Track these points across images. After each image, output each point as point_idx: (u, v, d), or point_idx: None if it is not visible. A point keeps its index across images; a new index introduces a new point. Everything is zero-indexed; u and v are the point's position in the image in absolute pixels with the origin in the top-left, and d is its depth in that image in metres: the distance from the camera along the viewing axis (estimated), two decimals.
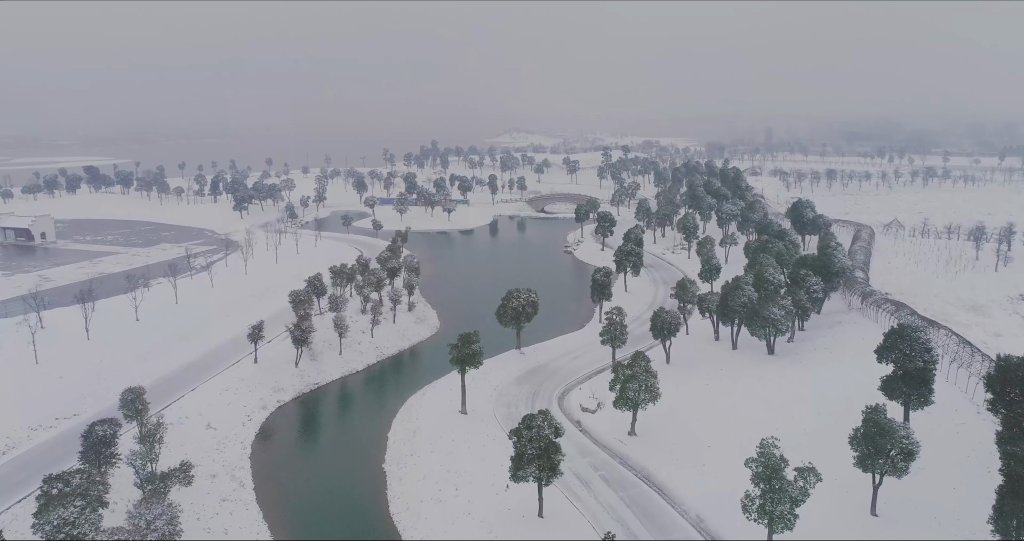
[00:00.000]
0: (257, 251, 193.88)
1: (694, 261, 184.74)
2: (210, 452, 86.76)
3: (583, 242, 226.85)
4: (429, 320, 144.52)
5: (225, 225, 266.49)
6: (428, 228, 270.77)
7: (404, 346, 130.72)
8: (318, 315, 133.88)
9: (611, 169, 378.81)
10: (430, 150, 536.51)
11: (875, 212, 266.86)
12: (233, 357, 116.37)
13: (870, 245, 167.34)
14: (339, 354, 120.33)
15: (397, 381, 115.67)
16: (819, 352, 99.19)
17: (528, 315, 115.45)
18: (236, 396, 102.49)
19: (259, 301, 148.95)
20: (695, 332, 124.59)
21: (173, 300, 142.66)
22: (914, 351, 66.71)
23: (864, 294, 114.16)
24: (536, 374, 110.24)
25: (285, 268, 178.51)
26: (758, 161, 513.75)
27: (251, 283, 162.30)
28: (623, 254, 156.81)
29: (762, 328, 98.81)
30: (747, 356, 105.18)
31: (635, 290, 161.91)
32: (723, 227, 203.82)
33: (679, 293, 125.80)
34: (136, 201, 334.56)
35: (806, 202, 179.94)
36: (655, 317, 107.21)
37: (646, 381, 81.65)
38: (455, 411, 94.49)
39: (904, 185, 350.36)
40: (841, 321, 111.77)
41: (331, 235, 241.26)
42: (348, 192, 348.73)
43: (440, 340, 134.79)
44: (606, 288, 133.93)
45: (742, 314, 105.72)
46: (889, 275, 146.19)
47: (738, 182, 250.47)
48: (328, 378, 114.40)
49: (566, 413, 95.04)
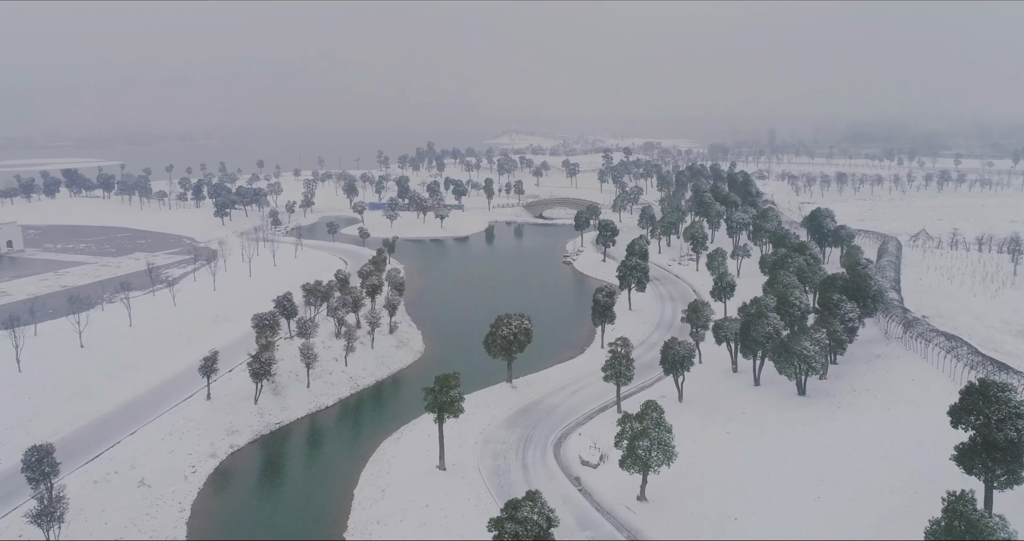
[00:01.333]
0: (231, 263, 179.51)
1: (703, 273, 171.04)
2: (138, 519, 72.65)
3: (583, 252, 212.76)
4: (412, 343, 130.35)
5: (206, 232, 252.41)
6: (419, 235, 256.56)
7: (383, 375, 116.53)
8: (288, 339, 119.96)
9: (612, 172, 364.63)
10: (426, 152, 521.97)
11: (892, 219, 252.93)
12: (186, 390, 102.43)
13: (898, 259, 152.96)
14: (307, 387, 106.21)
15: (371, 420, 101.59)
16: (860, 395, 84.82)
17: (520, 344, 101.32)
18: (181, 442, 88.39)
19: (225, 322, 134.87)
20: (710, 359, 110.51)
21: (127, 322, 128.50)
22: (1001, 417, 52.66)
23: (906, 323, 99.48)
24: (529, 413, 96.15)
25: (259, 282, 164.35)
26: (763, 163, 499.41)
27: (219, 301, 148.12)
28: (627, 269, 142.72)
29: (792, 366, 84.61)
30: (773, 395, 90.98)
31: (640, 307, 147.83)
32: (733, 237, 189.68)
33: (691, 317, 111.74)
34: (116, 206, 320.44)
35: (825, 211, 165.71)
36: (666, 349, 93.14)
37: (659, 438, 67.54)
38: (432, 466, 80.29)
39: (918, 189, 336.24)
40: (881, 354, 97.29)
41: (315, 244, 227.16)
42: (339, 196, 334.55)
43: (424, 367, 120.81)
44: (608, 309, 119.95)
45: (767, 346, 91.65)
46: (922, 294, 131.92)
47: (747, 187, 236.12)
48: (292, 416, 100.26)
49: (563, 466, 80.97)
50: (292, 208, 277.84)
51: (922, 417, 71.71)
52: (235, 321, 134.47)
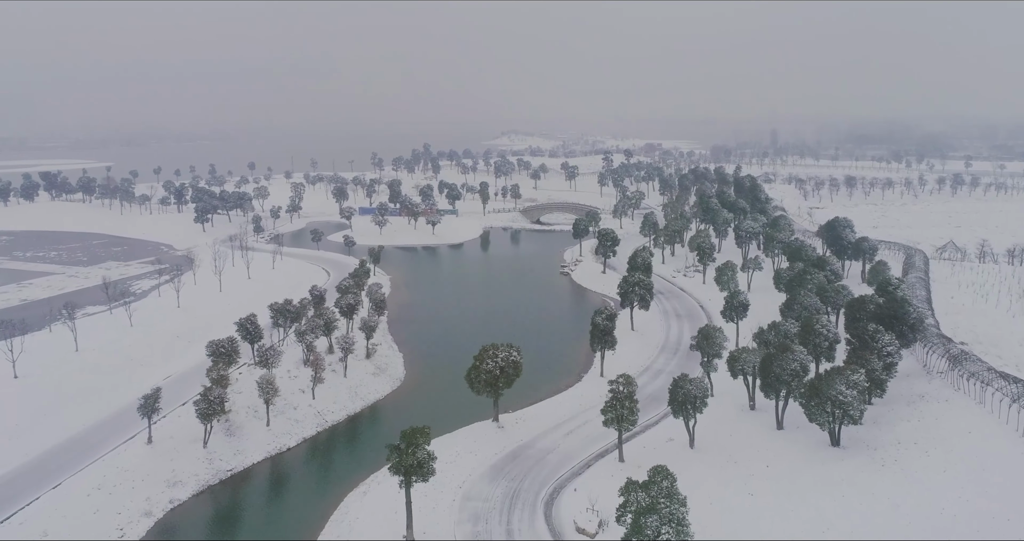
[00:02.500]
0: (202, 275, 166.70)
1: (710, 287, 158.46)
2: None
3: (582, 261, 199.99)
4: (391, 369, 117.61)
5: (184, 239, 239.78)
6: (410, 243, 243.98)
7: (356, 408, 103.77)
8: (250, 366, 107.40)
9: (612, 175, 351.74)
10: (422, 153, 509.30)
11: (906, 225, 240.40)
12: (130, 428, 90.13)
13: (927, 275, 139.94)
14: (266, 425, 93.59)
15: (337, 464, 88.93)
16: (907, 449, 72.05)
17: (508, 378, 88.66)
18: (111, 498, 75.84)
19: (187, 343, 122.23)
20: (723, 390, 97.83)
21: (73, 346, 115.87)
22: None
23: (953, 357, 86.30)
24: (518, 460, 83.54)
25: (230, 298, 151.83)
26: (768, 165, 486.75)
27: (182, 319, 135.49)
28: (629, 285, 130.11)
29: (825, 412, 71.90)
30: (800, 444, 78.23)
31: (644, 327, 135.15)
32: (742, 247, 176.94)
33: (701, 344, 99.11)
34: (97, 211, 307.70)
35: (843, 221, 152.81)
36: (675, 388, 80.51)
37: (671, 514, 54.98)
38: (399, 535, 67.63)
39: (930, 193, 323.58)
40: (924, 394, 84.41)
41: (298, 252, 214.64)
42: (329, 200, 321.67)
43: (402, 398, 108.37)
44: (608, 334, 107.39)
45: (792, 385, 79.05)
46: (956, 315, 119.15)
47: (756, 193, 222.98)
48: (248, 460, 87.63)
49: (556, 533, 68.43)
50: (277, 213, 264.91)
51: (991, 484, 59.30)
52: (198, 342, 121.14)
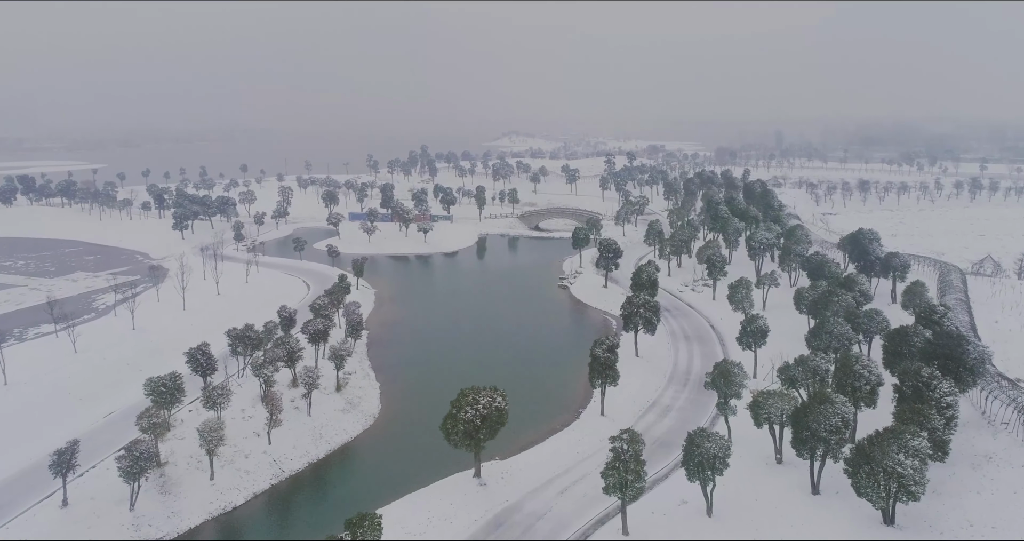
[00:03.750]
0: (166, 290, 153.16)
1: (721, 303, 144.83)
2: None
3: (581, 273, 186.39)
4: (364, 404, 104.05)
5: (162, 247, 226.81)
6: (400, 251, 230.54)
7: (319, 453, 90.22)
8: (201, 403, 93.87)
9: (615, 179, 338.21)
10: (419, 155, 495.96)
11: (927, 234, 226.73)
12: (48, 485, 76.47)
13: (966, 295, 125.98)
14: (210, 479, 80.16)
15: (291, 526, 75.44)
16: (982, 532, 58.36)
17: (491, 428, 75.01)
18: None
19: (137, 372, 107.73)
20: (743, 437, 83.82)
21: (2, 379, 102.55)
22: None
23: (1022, 408, 72.33)
24: (502, 529, 69.97)
25: (194, 317, 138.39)
26: (775, 168, 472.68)
27: (134, 345, 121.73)
28: (634, 307, 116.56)
29: (877, 484, 58.20)
30: (843, 518, 64.35)
31: (649, 351, 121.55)
32: (755, 259, 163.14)
33: (718, 382, 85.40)
34: (76, 216, 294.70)
35: (869, 233, 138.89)
36: (690, 447, 66.87)
37: None
38: None
39: (948, 199, 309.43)
40: (992, 455, 70.16)
41: (279, 263, 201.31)
42: (320, 204, 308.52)
43: (375, 439, 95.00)
44: (610, 368, 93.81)
45: (831, 442, 65.45)
46: (1005, 344, 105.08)
47: (768, 200, 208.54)
48: (184, 524, 74.21)
49: None
50: (261, 219, 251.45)
51: None
52: (149, 371, 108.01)
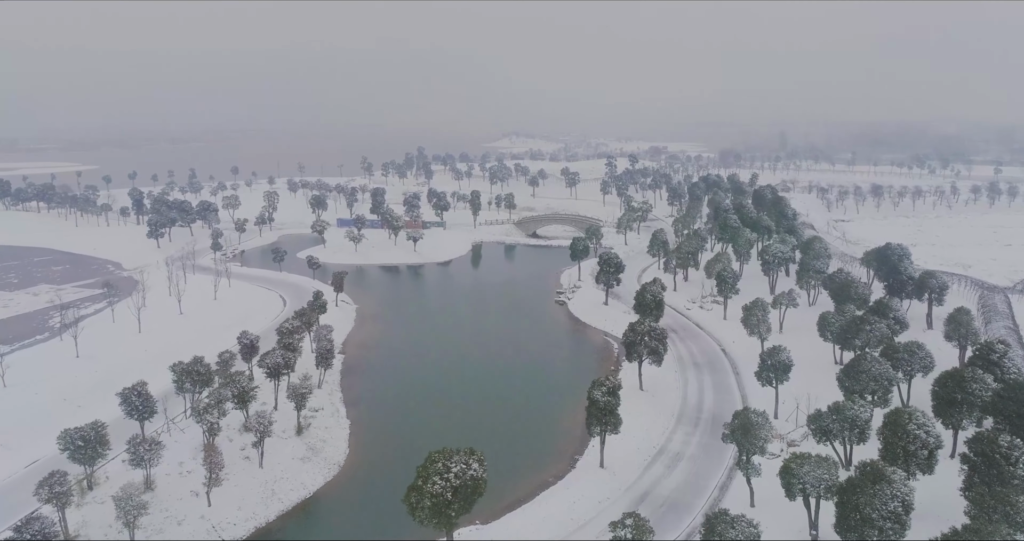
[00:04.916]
0: (122, 311, 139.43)
1: (732, 323, 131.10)
2: None
3: (580, 287, 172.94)
4: (329, 449, 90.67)
5: (135, 257, 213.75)
6: (389, 261, 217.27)
7: (269, 515, 76.75)
8: (125, 460, 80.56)
9: (616, 183, 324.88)
10: (415, 157, 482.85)
11: (948, 244, 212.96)
12: None
13: (1014, 322, 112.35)
14: None
15: None
16: None
17: (465, 500, 61.55)
18: None
19: (75, 409, 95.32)
20: (766, 499, 70.88)
21: None
22: None
23: None
24: None
25: (150, 341, 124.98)
26: (781, 171, 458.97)
27: (74, 377, 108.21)
28: (638, 334, 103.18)
29: None
30: None
31: (655, 383, 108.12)
32: (770, 275, 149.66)
33: (737, 436, 72.02)
34: (52, 222, 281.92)
35: (898, 248, 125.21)
36: (710, 534, 53.46)
37: None
38: None
39: (966, 204, 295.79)
40: None
41: (256, 274, 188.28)
42: (308, 210, 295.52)
43: (337, 494, 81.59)
44: (611, 413, 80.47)
45: (886, 527, 52.16)
46: None
47: (781, 208, 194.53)
48: None
49: None
50: (243, 226, 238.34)
51: None
52: (89, 408, 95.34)
